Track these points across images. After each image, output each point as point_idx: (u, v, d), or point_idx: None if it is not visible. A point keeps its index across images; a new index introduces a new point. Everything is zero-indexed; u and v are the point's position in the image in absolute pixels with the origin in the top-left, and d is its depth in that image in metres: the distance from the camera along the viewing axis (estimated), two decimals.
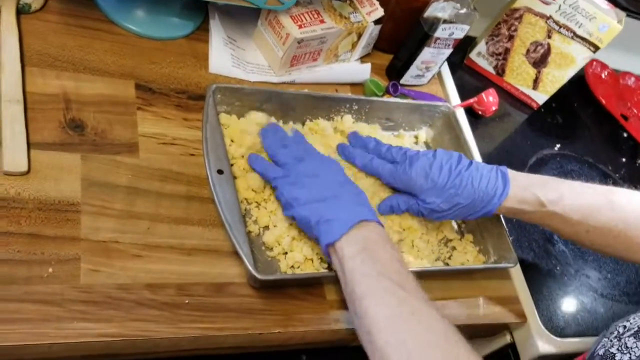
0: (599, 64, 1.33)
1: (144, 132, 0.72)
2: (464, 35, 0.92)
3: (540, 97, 1.15)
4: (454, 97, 1.04)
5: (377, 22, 0.90)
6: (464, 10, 0.88)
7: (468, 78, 1.16)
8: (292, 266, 0.69)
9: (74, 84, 0.72)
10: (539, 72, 1.12)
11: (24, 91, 0.67)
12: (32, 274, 0.57)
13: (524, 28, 1.08)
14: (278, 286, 0.68)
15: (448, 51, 0.94)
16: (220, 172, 0.68)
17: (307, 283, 0.70)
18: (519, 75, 1.14)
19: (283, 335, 0.66)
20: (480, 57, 1.15)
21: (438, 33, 0.89)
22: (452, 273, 0.80)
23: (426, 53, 0.93)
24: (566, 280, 0.91)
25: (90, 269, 0.60)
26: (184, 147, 0.73)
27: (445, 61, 0.98)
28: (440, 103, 0.92)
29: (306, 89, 0.87)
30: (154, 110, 0.75)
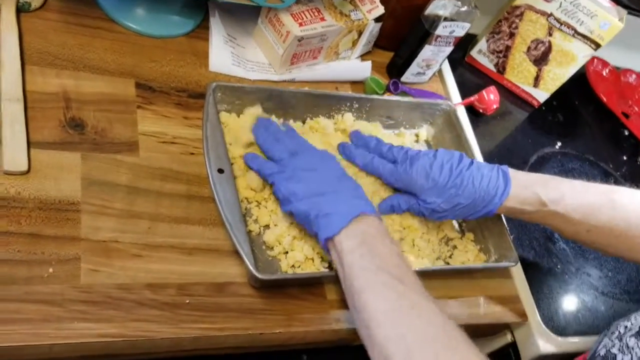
0: (600, 61, 1.32)
1: (144, 130, 0.72)
2: (465, 33, 0.91)
3: (541, 94, 1.14)
4: (454, 95, 1.04)
5: (377, 19, 0.90)
6: (464, 8, 0.88)
7: (469, 76, 1.15)
8: (292, 266, 0.69)
9: (74, 83, 0.71)
10: (540, 69, 1.11)
11: (24, 90, 0.67)
12: (33, 274, 0.57)
13: (524, 26, 1.08)
14: (279, 286, 0.68)
15: (449, 49, 0.94)
16: (220, 171, 0.68)
17: (308, 283, 0.70)
18: (519, 73, 1.14)
19: (284, 335, 0.66)
20: (481, 54, 1.15)
21: (439, 31, 0.89)
22: (453, 272, 0.80)
23: (427, 51, 0.93)
24: (567, 279, 0.91)
25: (90, 269, 0.60)
26: (184, 146, 0.73)
27: (446, 59, 0.98)
28: (441, 101, 0.92)
29: (306, 87, 0.87)
30: (154, 108, 0.74)
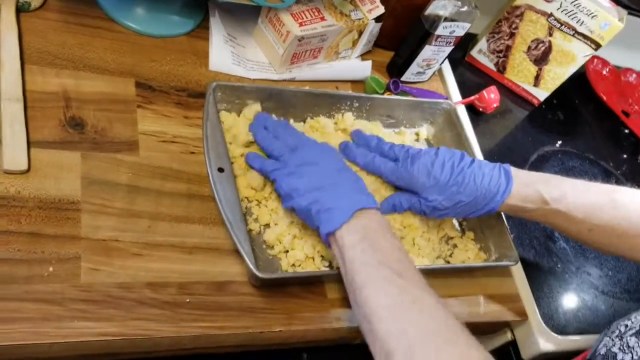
0: (600, 60, 1.32)
1: (144, 130, 0.72)
2: (465, 33, 0.91)
3: (541, 93, 1.14)
4: (454, 94, 1.04)
5: (377, 19, 0.90)
6: (465, 8, 0.88)
7: (469, 75, 1.15)
8: (293, 264, 0.69)
9: (74, 82, 0.71)
10: (540, 69, 1.11)
11: (24, 89, 0.67)
12: (33, 273, 0.57)
13: (525, 26, 1.08)
14: (279, 285, 0.68)
15: (449, 49, 0.94)
16: (220, 170, 0.68)
17: (308, 281, 0.70)
18: (520, 73, 1.14)
19: (284, 333, 0.66)
20: (481, 54, 1.15)
21: (439, 31, 0.89)
22: (453, 271, 0.80)
23: (427, 51, 0.93)
24: (567, 278, 0.91)
25: (90, 268, 0.60)
26: (185, 145, 0.73)
27: (446, 58, 0.98)
28: (441, 100, 0.92)
29: (307, 87, 0.87)
30: (154, 108, 0.74)
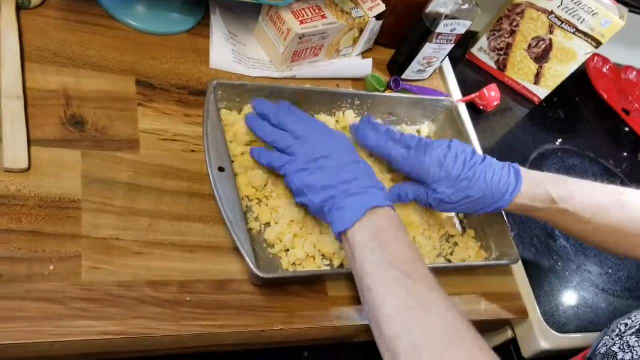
0: (601, 58, 1.32)
1: (145, 128, 0.72)
2: (466, 30, 0.91)
3: (541, 91, 1.14)
4: (455, 92, 1.03)
5: (378, 17, 0.90)
6: (465, 6, 0.88)
7: (469, 73, 1.15)
8: (293, 263, 0.69)
9: (75, 80, 0.71)
10: (541, 67, 1.11)
11: (24, 87, 0.67)
12: (33, 271, 0.57)
13: (525, 23, 1.08)
14: (280, 283, 0.68)
15: (450, 47, 0.94)
16: (221, 169, 0.68)
17: (309, 280, 0.70)
18: (520, 70, 1.14)
19: (285, 332, 0.66)
20: (482, 52, 1.15)
21: (440, 29, 0.89)
22: (454, 269, 0.80)
23: (428, 49, 0.93)
24: (568, 276, 0.91)
25: (91, 267, 0.60)
26: (185, 144, 0.73)
27: (447, 56, 0.98)
28: (442, 97, 0.92)
29: (308, 85, 0.87)
30: (155, 106, 0.74)
